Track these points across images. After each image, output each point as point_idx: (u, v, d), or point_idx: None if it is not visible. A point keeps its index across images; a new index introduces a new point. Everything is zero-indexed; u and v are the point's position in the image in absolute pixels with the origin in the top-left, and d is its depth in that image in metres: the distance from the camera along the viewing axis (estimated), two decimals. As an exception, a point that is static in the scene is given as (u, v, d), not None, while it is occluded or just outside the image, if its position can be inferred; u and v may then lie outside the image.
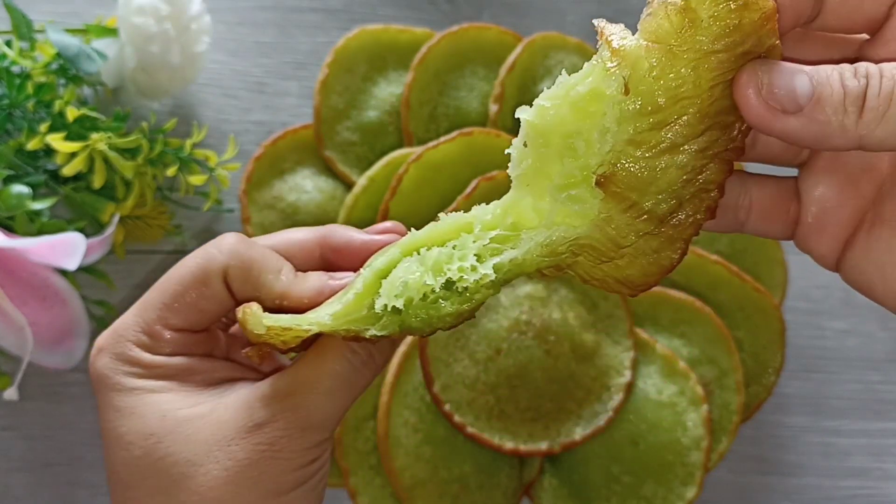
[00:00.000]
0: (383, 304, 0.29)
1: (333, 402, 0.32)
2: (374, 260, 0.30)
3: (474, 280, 0.28)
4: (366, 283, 0.29)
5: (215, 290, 0.33)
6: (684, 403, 0.53)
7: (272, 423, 0.31)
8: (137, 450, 0.31)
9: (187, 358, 0.33)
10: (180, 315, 0.33)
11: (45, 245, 0.48)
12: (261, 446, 0.31)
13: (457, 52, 0.60)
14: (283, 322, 0.30)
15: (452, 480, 0.52)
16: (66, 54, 0.52)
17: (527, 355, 0.52)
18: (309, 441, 0.31)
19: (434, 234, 0.30)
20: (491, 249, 0.29)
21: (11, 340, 0.50)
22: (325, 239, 0.35)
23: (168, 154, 0.53)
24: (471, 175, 0.54)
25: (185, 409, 0.32)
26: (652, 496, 0.52)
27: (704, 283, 0.56)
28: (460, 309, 0.29)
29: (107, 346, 0.33)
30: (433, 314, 0.29)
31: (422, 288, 0.28)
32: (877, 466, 0.60)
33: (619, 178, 0.27)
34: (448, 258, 0.28)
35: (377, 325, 0.29)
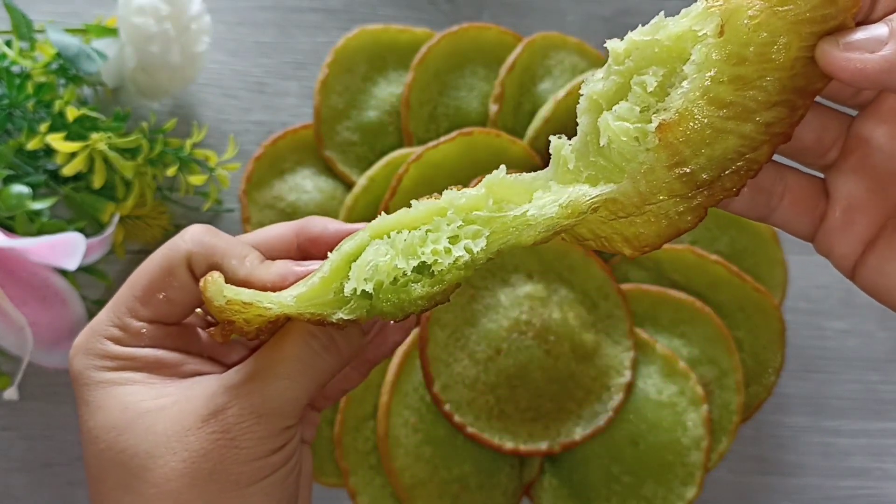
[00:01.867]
0: (352, 287, 0.28)
1: (291, 387, 0.31)
2: (343, 244, 0.30)
3: (449, 263, 0.28)
4: (333, 267, 0.29)
5: (181, 278, 0.33)
6: (684, 403, 0.53)
7: (226, 410, 0.30)
8: (102, 443, 0.31)
9: (158, 350, 0.33)
10: (150, 306, 0.33)
11: (45, 245, 0.48)
12: (215, 434, 0.30)
13: (457, 52, 0.60)
14: (244, 296, 0.29)
15: (452, 480, 0.52)
16: (66, 54, 0.52)
17: (527, 355, 0.52)
18: (266, 429, 0.30)
19: (405, 219, 0.29)
20: (471, 232, 0.28)
21: (11, 340, 0.50)
22: (302, 229, 0.35)
23: (168, 154, 0.53)
24: (471, 175, 0.54)
25: (147, 401, 0.31)
26: (652, 496, 0.52)
27: (704, 283, 0.56)
28: (431, 292, 0.28)
29: (81, 344, 0.33)
30: (404, 298, 0.28)
31: (392, 271, 0.28)
32: (877, 466, 0.60)
33: (681, 129, 0.26)
34: (422, 241, 0.28)
35: (344, 308, 0.29)
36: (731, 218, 0.57)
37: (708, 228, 0.57)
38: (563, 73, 0.60)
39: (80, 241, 0.49)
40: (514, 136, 0.56)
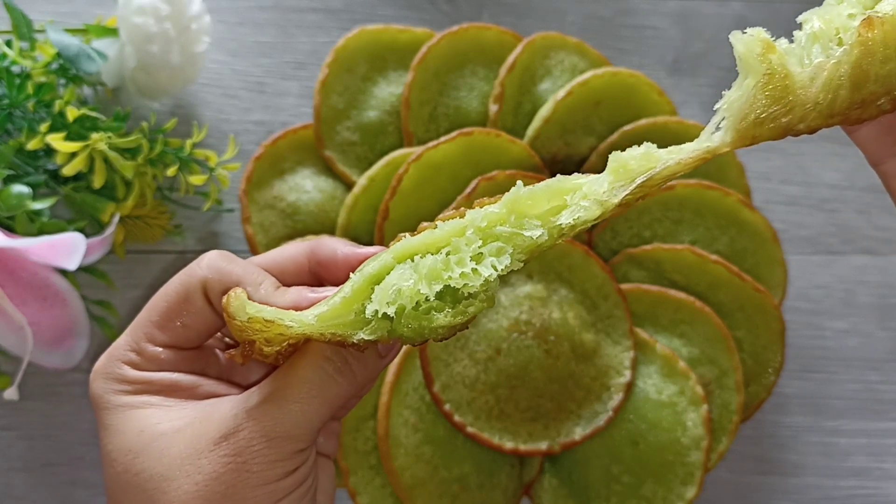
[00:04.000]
0: (374, 309, 0.28)
1: (303, 410, 0.31)
2: (365, 265, 0.29)
3: (479, 284, 0.28)
4: (355, 288, 0.29)
5: (197, 304, 0.33)
6: (684, 403, 0.53)
7: (238, 433, 0.30)
8: (119, 466, 0.31)
9: (175, 374, 0.33)
10: (167, 332, 0.33)
11: (46, 245, 0.48)
12: (227, 458, 0.30)
13: (457, 52, 0.60)
14: (266, 313, 0.29)
15: (452, 480, 0.52)
16: (67, 54, 0.52)
17: (527, 355, 0.52)
18: (278, 452, 0.30)
19: (429, 242, 0.29)
20: (494, 249, 0.28)
21: (11, 340, 0.50)
22: (313, 252, 0.35)
23: (168, 154, 0.53)
24: (471, 175, 0.54)
25: (163, 424, 0.32)
26: (652, 496, 0.52)
27: (704, 283, 0.56)
28: (453, 322, 0.28)
29: (100, 367, 0.33)
30: (425, 325, 0.28)
31: (415, 296, 0.28)
32: (876, 466, 0.60)
33: (885, 27, 0.27)
34: (445, 265, 0.28)
35: (365, 329, 0.29)
36: (731, 218, 0.57)
37: (708, 228, 0.57)
38: (563, 73, 0.60)
39: (81, 241, 0.49)
40: (514, 136, 0.57)
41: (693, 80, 0.66)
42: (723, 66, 0.67)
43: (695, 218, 0.57)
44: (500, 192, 0.53)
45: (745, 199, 0.57)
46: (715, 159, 0.61)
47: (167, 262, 0.59)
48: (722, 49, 0.67)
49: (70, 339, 0.54)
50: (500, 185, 0.54)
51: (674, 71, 0.66)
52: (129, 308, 0.58)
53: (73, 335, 0.54)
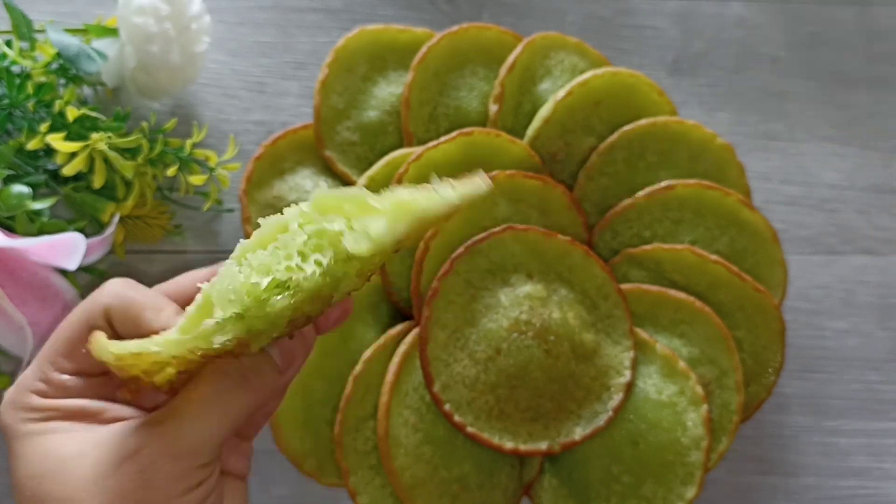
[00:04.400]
0: (220, 314, 0.28)
1: (202, 426, 0.32)
2: (214, 279, 0.30)
3: (303, 277, 0.28)
4: (205, 296, 0.29)
5: (98, 328, 0.34)
6: (684, 403, 0.53)
7: (140, 451, 0.31)
8: (27, 491, 0.32)
9: (82, 400, 0.34)
10: (72, 359, 0.34)
11: (46, 245, 0.48)
12: (131, 475, 0.31)
13: (457, 52, 0.60)
14: (131, 347, 0.30)
15: (452, 480, 0.52)
16: (67, 54, 0.52)
17: (527, 355, 0.52)
18: (181, 468, 0.31)
19: (258, 240, 0.30)
20: (312, 245, 0.29)
21: (11, 340, 0.50)
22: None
23: (168, 154, 0.53)
24: (471, 175, 0.54)
25: (68, 448, 0.32)
26: (652, 496, 0.52)
27: (704, 283, 0.56)
28: (294, 302, 0.28)
29: (9, 398, 0.34)
30: (269, 311, 0.28)
31: (252, 289, 0.28)
32: (877, 466, 0.60)
33: None
34: (275, 258, 0.29)
35: (222, 332, 0.29)
36: (731, 218, 0.57)
37: (708, 228, 0.57)
38: (563, 73, 0.60)
39: (81, 240, 0.49)
40: (514, 136, 0.57)
41: (693, 80, 0.66)
42: (723, 66, 0.67)
43: (695, 218, 0.57)
44: (501, 192, 0.53)
45: (745, 199, 0.57)
46: (715, 159, 0.62)
47: (167, 262, 0.59)
48: (722, 49, 0.67)
49: (70, 339, 0.54)
50: (500, 185, 0.54)
51: (674, 71, 0.66)
52: (129, 308, 0.58)
53: (73, 335, 0.54)
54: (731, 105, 0.66)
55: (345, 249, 0.28)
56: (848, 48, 0.68)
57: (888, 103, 0.67)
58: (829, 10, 0.69)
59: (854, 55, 0.68)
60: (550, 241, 0.54)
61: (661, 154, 0.58)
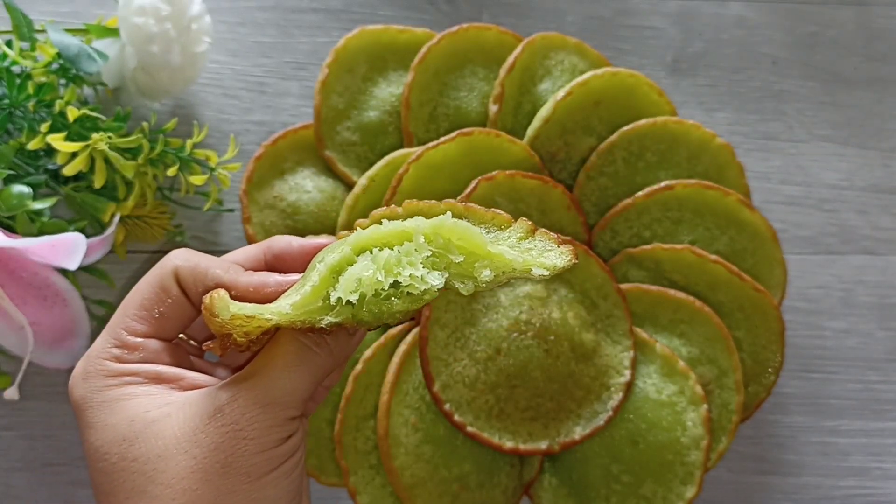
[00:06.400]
0: (337, 297, 0.31)
1: (290, 377, 0.33)
2: (326, 256, 0.32)
3: (424, 289, 0.31)
4: (321, 277, 0.31)
5: (170, 291, 0.35)
6: (684, 403, 0.53)
7: (232, 403, 0.32)
8: (113, 457, 0.32)
9: (158, 365, 0.35)
10: (144, 321, 0.35)
11: (46, 245, 0.48)
12: (224, 427, 0.31)
13: (457, 52, 0.60)
14: (247, 310, 0.31)
15: (452, 479, 0.52)
16: (67, 54, 0.52)
17: (526, 355, 0.52)
18: (272, 417, 0.32)
19: (379, 236, 0.32)
20: (432, 262, 0.31)
21: (12, 340, 0.50)
22: (269, 247, 0.37)
23: (169, 154, 0.54)
24: (471, 175, 0.54)
25: (153, 412, 0.33)
26: (651, 495, 0.52)
27: (704, 282, 0.56)
28: (409, 308, 0.31)
29: (79, 371, 0.34)
30: (384, 310, 0.31)
31: (374, 284, 0.31)
32: (876, 466, 0.60)
33: None
34: (397, 262, 0.31)
35: (331, 314, 0.31)
36: (731, 218, 0.57)
37: (707, 228, 0.57)
38: (563, 74, 0.60)
39: (81, 240, 0.49)
40: (514, 137, 0.57)
41: (693, 80, 0.66)
42: (722, 66, 0.67)
43: (694, 218, 0.57)
44: (501, 192, 0.53)
45: (744, 199, 0.57)
46: (714, 159, 0.62)
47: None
48: (721, 49, 0.67)
49: (71, 338, 0.54)
50: (500, 185, 0.54)
51: (673, 71, 0.66)
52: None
53: (73, 335, 0.54)
54: (730, 105, 0.66)
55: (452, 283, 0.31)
56: (847, 48, 0.68)
57: (887, 103, 0.67)
58: (829, 10, 0.69)
59: (853, 55, 0.68)
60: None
61: (661, 154, 0.58)
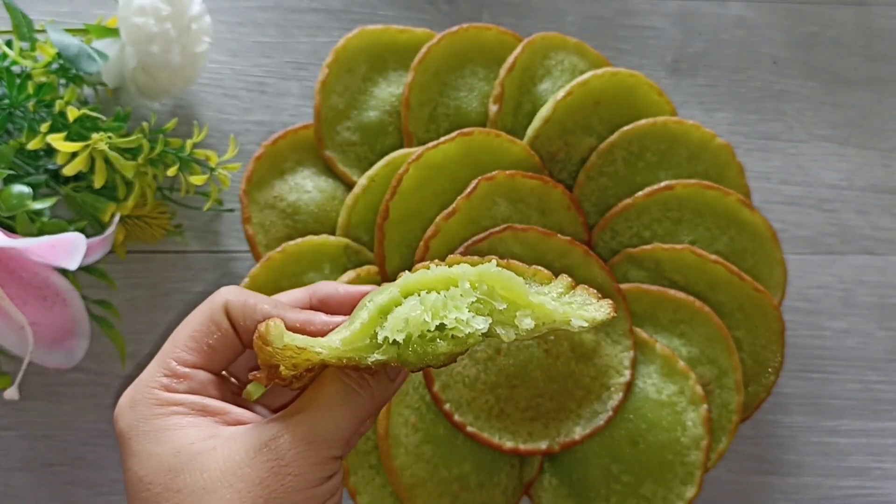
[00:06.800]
0: (385, 336, 0.32)
1: (335, 416, 0.33)
2: (375, 296, 0.33)
3: (468, 332, 0.32)
4: (370, 316, 0.32)
5: (220, 324, 0.36)
6: (684, 403, 0.53)
7: (278, 439, 0.32)
8: (157, 487, 0.32)
9: (204, 398, 0.35)
10: (194, 352, 0.35)
11: (46, 245, 0.48)
12: (269, 462, 0.31)
13: (457, 52, 0.60)
14: (299, 341, 0.32)
15: (452, 479, 0.52)
16: (67, 54, 0.52)
17: (526, 355, 0.52)
18: (317, 455, 0.32)
19: (427, 280, 0.33)
20: (476, 308, 0.32)
21: (12, 340, 0.50)
22: (315, 292, 0.39)
23: (169, 154, 0.53)
24: (471, 175, 0.54)
25: (198, 443, 0.33)
26: (651, 495, 0.52)
27: (704, 282, 0.56)
28: (453, 350, 0.32)
29: (126, 401, 0.35)
30: (429, 351, 0.32)
31: (421, 325, 0.32)
32: (876, 466, 0.60)
33: None
34: (444, 305, 0.32)
35: (377, 352, 0.32)
36: (731, 218, 0.57)
37: (707, 228, 0.57)
38: (563, 74, 0.60)
39: (81, 240, 0.49)
40: (514, 137, 0.57)
41: (693, 80, 0.66)
42: (722, 66, 0.67)
43: (694, 218, 0.57)
44: (501, 193, 0.53)
45: (744, 199, 0.57)
46: (714, 159, 0.62)
47: (168, 262, 0.59)
48: (721, 49, 0.67)
49: (71, 338, 0.54)
50: (500, 186, 0.54)
51: (673, 71, 0.66)
52: (130, 308, 0.58)
53: (73, 335, 0.54)
54: (730, 105, 0.66)
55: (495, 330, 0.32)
56: (847, 48, 0.68)
57: (887, 103, 0.67)
58: (829, 10, 0.69)
59: (853, 55, 0.68)
60: (550, 241, 0.54)
61: (661, 154, 0.58)
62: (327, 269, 0.56)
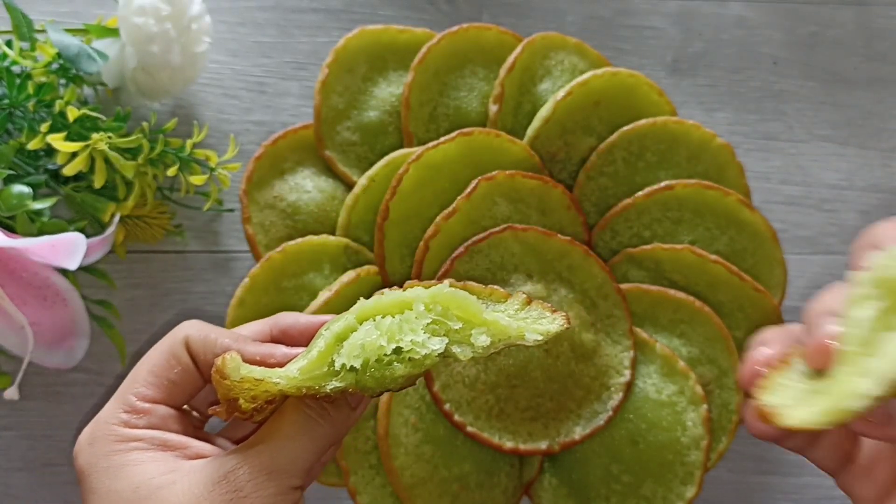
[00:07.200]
0: (342, 363, 0.32)
1: (295, 446, 0.33)
2: (332, 324, 0.33)
3: (424, 353, 0.32)
4: (327, 344, 0.33)
5: (180, 359, 0.36)
6: (684, 403, 0.53)
7: (236, 471, 0.32)
8: None
9: (165, 432, 0.35)
10: (153, 387, 0.36)
11: (46, 245, 0.48)
12: (228, 494, 0.32)
13: (457, 52, 0.60)
14: (256, 372, 0.32)
15: (452, 479, 0.52)
16: (67, 54, 0.52)
17: (526, 355, 0.52)
18: (276, 485, 0.32)
19: (382, 305, 0.33)
20: (432, 329, 0.33)
21: (12, 340, 0.50)
22: (275, 322, 0.39)
23: (169, 154, 0.54)
24: (471, 175, 0.54)
25: (158, 478, 0.33)
26: (651, 495, 0.52)
27: (704, 282, 0.56)
28: (411, 372, 0.32)
29: (86, 437, 0.35)
30: (387, 375, 0.32)
31: (377, 350, 0.32)
32: (876, 466, 0.60)
33: None
34: (399, 328, 0.32)
35: (335, 379, 0.32)
36: (731, 218, 0.57)
37: (707, 228, 0.57)
38: (563, 74, 0.60)
39: (81, 240, 0.49)
40: (514, 137, 0.57)
41: (693, 80, 0.66)
42: (722, 66, 0.67)
43: (694, 218, 0.57)
44: (500, 192, 0.54)
45: (744, 199, 0.57)
46: (714, 159, 0.62)
47: (167, 262, 0.59)
48: (721, 49, 0.67)
49: (71, 338, 0.54)
50: (500, 185, 0.54)
51: (673, 71, 0.66)
52: (130, 308, 0.58)
53: (73, 335, 0.54)
54: (730, 105, 0.66)
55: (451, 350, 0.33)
56: (847, 48, 0.68)
57: (887, 103, 0.67)
58: (829, 10, 0.69)
59: (853, 55, 0.68)
60: (550, 241, 0.54)
61: (661, 154, 0.58)
62: (327, 269, 0.56)
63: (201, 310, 0.59)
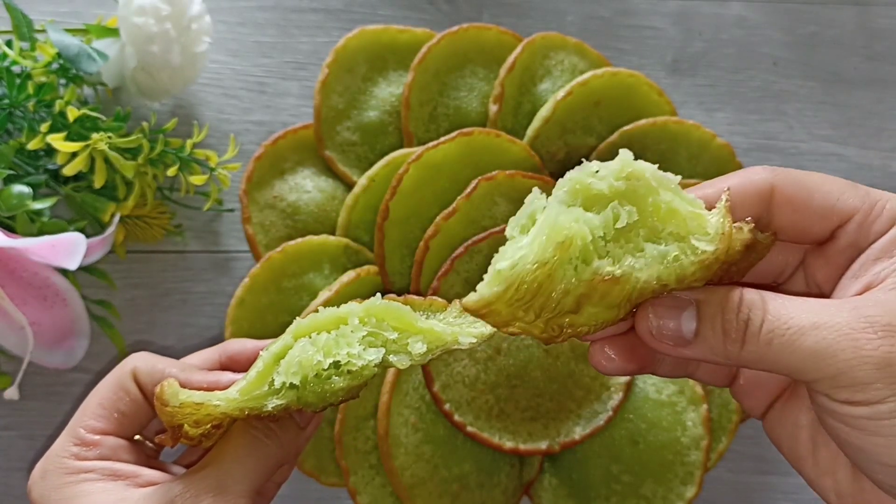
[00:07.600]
0: (281, 381, 0.32)
1: (241, 467, 0.34)
2: (270, 346, 0.34)
3: (361, 365, 0.33)
4: (265, 364, 0.33)
5: (129, 390, 0.37)
6: (684, 403, 0.53)
7: (184, 493, 0.33)
8: None
9: (115, 463, 0.36)
10: (103, 419, 0.36)
11: (46, 245, 0.48)
12: None
13: (457, 52, 0.60)
14: (196, 397, 0.33)
15: (452, 479, 0.52)
16: (67, 54, 0.52)
17: (526, 355, 0.52)
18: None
19: (318, 323, 0.34)
20: (369, 341, 0.33)
21: (12, 340, 0.50)
22: (224, 349, 0.40)
23: (169, 154, 0.54)
24: (471, 175, 0.54)
25: None
26: (651, 495, 0.52)
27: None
28: (351, 384, 0.33)
29: (39, 470, 0.36)
30: (327, 389, 0.33)
31: (315, 366, 0.32)
32: (876, 466, 0.60)
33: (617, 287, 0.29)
34: (335, 343, 0.33)
35: (277, 397, 0.33)
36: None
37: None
38: (563, 74, 0.60)
39: (81, 240, 0.49)
40: (514, 136, 0.57)
41: (692, 80, 0.66)
42: (722, 67, 0.67)
43: (694, 218, 0.57)
44: (500, 192, 0.53)
45: (744, 199, 0.57)
46: (714, 159, 0.62)
47: (167, 262, 0.59)
48: (721, 49, 0.67)
49: (71, 338, 0.54)
50: (500, 185, 0.54)
51: (673, 71, 0.66)
52: (130, 308, 0.58)
53: (73, 335, 0.54)
54: (730, 105, 0.66)
55: (388, 359, 0.33)
56: (847, 48, 0.68)
57: (887, 103, 0.67)
58: (829, 10, 0.69)
59: (853, 55, 0.68)
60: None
61: (661, 154, 0.58)
62: (327, 269, 0.56)
63: (201, 310, 0.59)
